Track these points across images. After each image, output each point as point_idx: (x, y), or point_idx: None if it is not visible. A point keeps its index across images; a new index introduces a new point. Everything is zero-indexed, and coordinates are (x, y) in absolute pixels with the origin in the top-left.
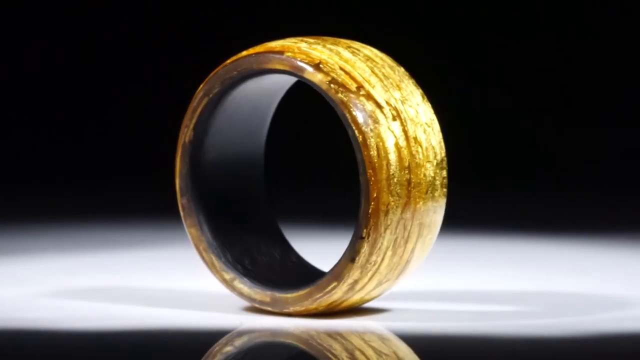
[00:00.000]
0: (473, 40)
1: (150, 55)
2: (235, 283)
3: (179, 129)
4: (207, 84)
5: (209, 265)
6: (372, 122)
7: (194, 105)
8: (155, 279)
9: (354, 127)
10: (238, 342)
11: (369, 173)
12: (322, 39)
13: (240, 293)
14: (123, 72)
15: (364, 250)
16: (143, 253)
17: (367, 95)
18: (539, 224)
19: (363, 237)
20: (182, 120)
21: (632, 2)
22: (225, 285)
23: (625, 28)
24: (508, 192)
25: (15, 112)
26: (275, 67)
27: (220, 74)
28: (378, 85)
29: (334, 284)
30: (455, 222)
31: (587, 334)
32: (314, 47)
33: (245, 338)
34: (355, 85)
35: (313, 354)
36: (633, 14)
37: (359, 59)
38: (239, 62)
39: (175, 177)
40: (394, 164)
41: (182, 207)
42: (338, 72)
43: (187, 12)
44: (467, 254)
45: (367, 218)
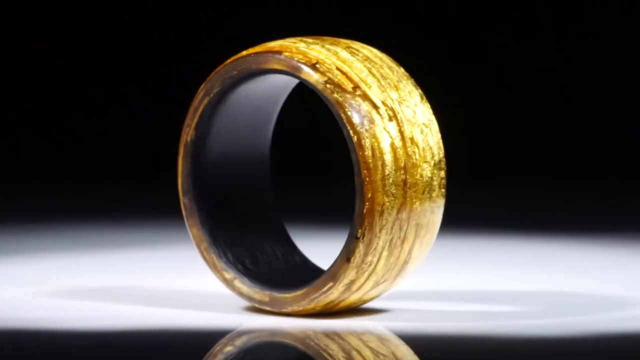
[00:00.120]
0: (473, 40)
1: (150, 55)
2: (235, 282)
3: (179, 129)
4: (207, 84)
5: (210, 265)
6: (367, 122)
7: (195, 105)
8: (155, 279)
9: (349, 127)
10: (239, 342)
11: (364, 173)
12: (321, 39)
13: (240, 293)
14: (123, 72)
15: (359, 251)
16: (143, 253)
17: (363, 96)
18: (539, 224)
19: (358, 237)
20: (183, 120)
21: (632, 2)
22: (226, 285)
23: (625, 28)
24: (508, 192)
25: (15, 112)
26: (274, 66)
27: (221, 74)
28: (375, 86)
29: (330, 284)
30: (455, 222)
31: (587, 334)
32: (312, 47)
33: (245, 338)
34: (352, 86)
35: (310, 354)
36: (633, 14)
37: (357, 59)
38: (239, 61)
39: (178, 176)
40: (390, 165)
41: (183, 206)
42: (334, 72)
43: (187, 12)
44: (467, 254)
45: (362, 218)
